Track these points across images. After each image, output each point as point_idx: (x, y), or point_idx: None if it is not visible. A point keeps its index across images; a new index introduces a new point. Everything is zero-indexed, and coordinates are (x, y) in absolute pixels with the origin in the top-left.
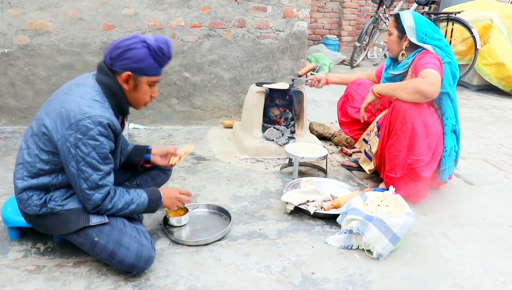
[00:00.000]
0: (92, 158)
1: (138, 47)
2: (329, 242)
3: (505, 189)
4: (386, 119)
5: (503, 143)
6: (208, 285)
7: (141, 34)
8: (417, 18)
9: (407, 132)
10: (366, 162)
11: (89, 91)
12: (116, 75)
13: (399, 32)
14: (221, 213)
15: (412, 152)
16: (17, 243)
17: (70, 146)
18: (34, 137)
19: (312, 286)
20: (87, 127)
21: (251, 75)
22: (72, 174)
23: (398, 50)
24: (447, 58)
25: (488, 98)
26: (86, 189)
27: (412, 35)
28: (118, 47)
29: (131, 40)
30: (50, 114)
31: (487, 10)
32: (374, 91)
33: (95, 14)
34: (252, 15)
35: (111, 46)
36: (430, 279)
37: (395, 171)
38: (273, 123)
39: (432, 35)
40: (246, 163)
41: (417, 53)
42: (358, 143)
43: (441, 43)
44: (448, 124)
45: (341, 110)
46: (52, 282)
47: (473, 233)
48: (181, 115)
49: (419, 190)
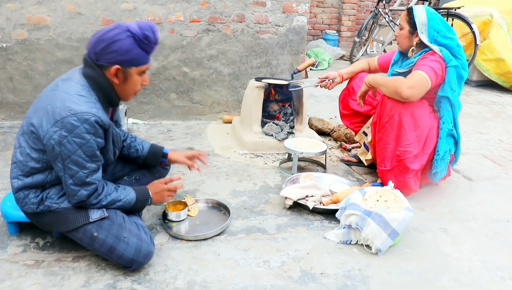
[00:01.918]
0: (78, 156)
1: (123, 38)
2: (328, 237)
3: (504, 184)
4: (376, 112)
5: (502, 138)
6: (207, 279)
7: (123, 23)
8: (431, 14)
9: (394, 124)
10: (364, 153)
11: (74, 86)
12: (103, 70)
13: (410, 27)
14: (220, 208)
15: (400, 143)
16: (16, 237)
17: (55, 143)
18: (24, 136)
19: (311, 280)
20: (73, 125)
21: (251, 70)
22: (59, 169)
23: (408, 45)
24: (454, 61)
25: (487, 93)
26: (71, 185)
27: (424, 32)
28: (102, 40)
29: (114, 31)
30: (37, 111)
31: (487, 5)
32: (366, 81)
33: (93, 8)
34: (251, 10)
35: (93, 40)
36: (428, 274)
37: (384, 163)
38: (272, 118)
39: (444, 33)
40: (245, 158)
41: (423, 53)
42: (358, 135)
43: (453, 42)
44: (444, 128)
45: (342, 102)
46: (51, 277)
47: (471, 228)
48: (180, 110)
49: (408, 182)
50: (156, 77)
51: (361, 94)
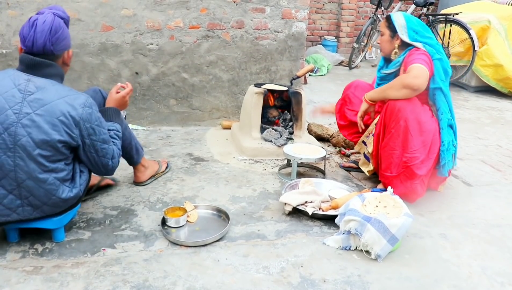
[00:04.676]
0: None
1: (63, 24)
2: (328, 243)
3: (503, 190)
4: (380, 119)
5: (501, 144)
6: (207, 285)
7: (41, 11)
8: (408, 17)
9: (400, 130)
10: (365, 164)
11: (60, 86)
12: (56, 59)
13: (390, 32)
14: (220, 214)
15: (407, 149)
16: (15, 244)
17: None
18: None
19: (310, 286)
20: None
21: (250, 76)
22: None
23: (390, 49)
24: (438, 55)
25: (486, 99)
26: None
27: (404, 33)
28: (55, 30)
29: (51, 18)
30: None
31: (485, 11)
32: (367, 98)
33: (93, 15)
34: (250, 16)
35: (43, 35)
36: (428, 279)
37: (390, 169)
38: (271, 124)
39: (423, 34)
40: (245, 164)
41: (408, 51)
42: (358, 145)
43: (432, 41)
44: (443, 118)
45: (339, 113)
46: (50, 283)
47: (471, 234)
48: (180, 116)
49: (415, 188)
50: (155, 83)
51: (362, 115)
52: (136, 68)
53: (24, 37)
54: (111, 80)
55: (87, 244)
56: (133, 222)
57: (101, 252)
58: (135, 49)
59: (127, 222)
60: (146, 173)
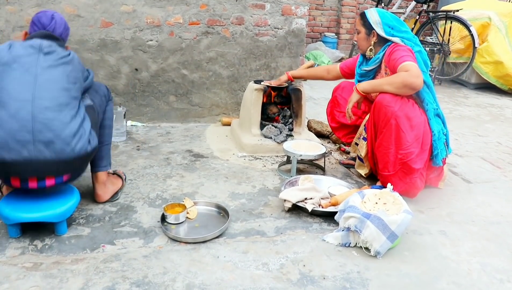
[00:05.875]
0: None
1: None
2: (327, 240)
3: (502, 187)
4: (370, 120)
5: (500, 141)
6: (206, 282)
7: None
8: (382, 13)
9: (392, 129)
10: (361, 166)
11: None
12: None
13: (366, 29)
14: (219, 211)
15: (401, 146)
16: (14, 240)
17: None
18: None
19: (310, 283)
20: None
21: (249, 73)
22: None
23: (367, 47)
24: (417, 47)
25: (486, 96)
26: None
27: (380, 29)
28: (63, 22)
29: (57, 15)
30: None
31: (486, 8)
32: (359, 89)
33: (93, 11)
34: (250, 13)
35: (61, 25)
36: (427, 276)
37: (387, 168)
38: (271, 120)
39: (399, 28)
40: (244, 160)
41: (387, 47)
42: (352, 147)
43: (408, 34)
44: (429, 108)
45: (330, 115)
46: (49, 279)
47: (470, 230)
48: (179, 113)
49: (415, 182)
50: (155, 80)
51: (352, 105)
52: (136, 64)
53: (44, 25)
54: (110, 76)
55: (87, 241)
56: (133, 218)
57: (100, 248)
58: (135, 45)
59: (126, 218)
60: (109, 190)
